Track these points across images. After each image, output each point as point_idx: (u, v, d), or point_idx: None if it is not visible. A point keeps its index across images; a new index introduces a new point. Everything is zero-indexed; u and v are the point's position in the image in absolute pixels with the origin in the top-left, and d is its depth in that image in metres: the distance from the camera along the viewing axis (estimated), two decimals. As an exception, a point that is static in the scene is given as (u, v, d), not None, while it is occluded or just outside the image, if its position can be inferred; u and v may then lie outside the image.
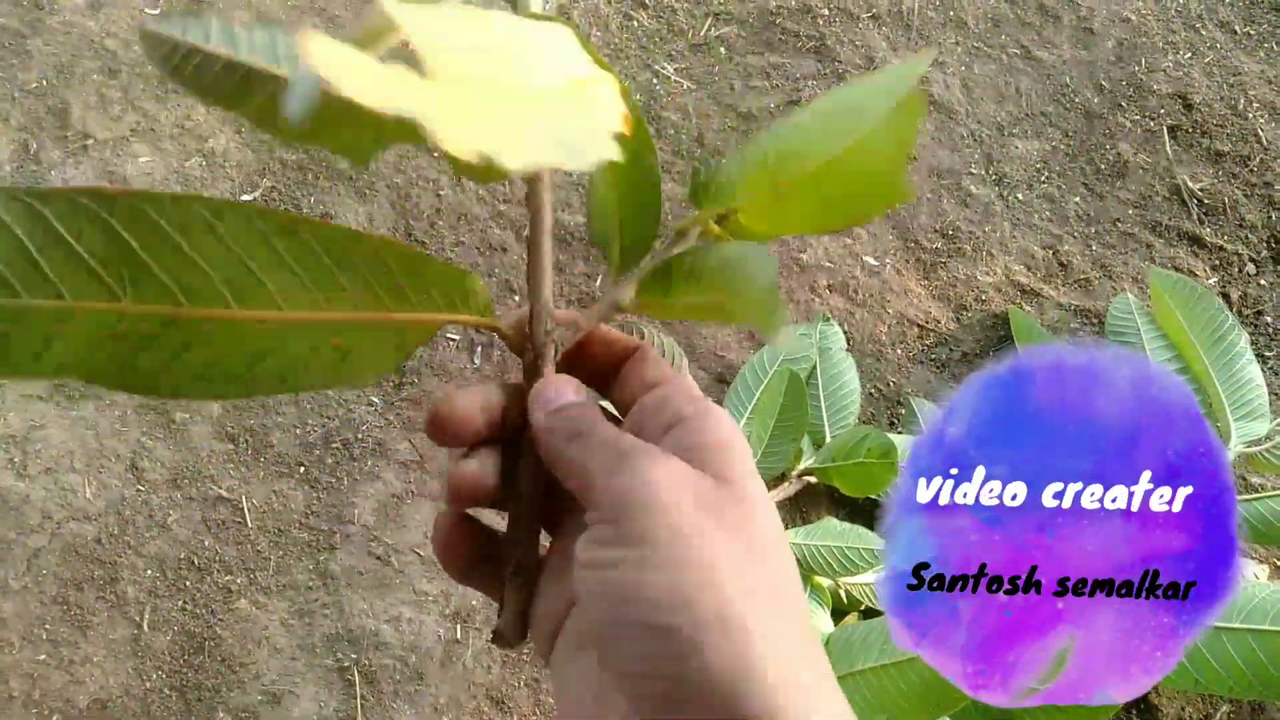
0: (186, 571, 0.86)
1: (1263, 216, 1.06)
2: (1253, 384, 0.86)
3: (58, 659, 0.83)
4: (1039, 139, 1.10)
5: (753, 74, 1.12)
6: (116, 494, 0.89)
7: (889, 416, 0.95)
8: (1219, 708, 0.83)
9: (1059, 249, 1.04)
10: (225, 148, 1.05)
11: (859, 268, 1.01)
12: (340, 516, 0.89)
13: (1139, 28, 1.16)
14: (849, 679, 0.67)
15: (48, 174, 1.02)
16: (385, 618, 0.85)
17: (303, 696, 0.82)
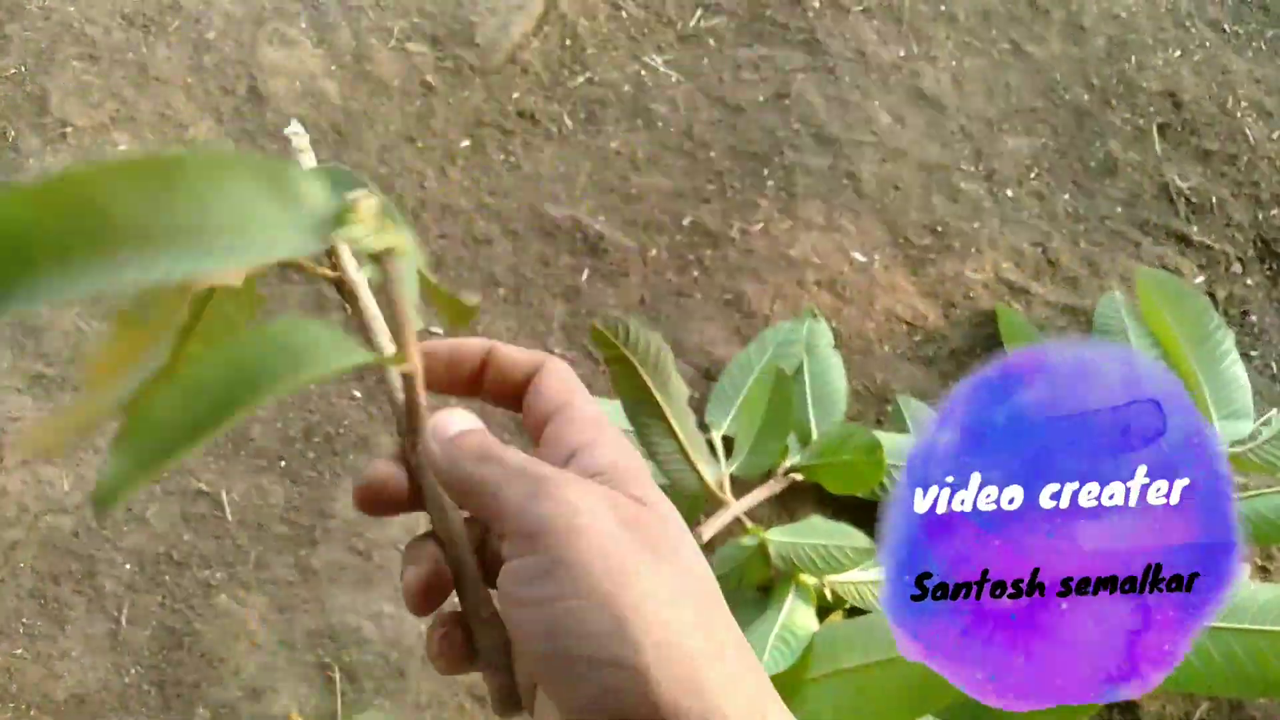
0: (165, 566, 0.86)
1: (1249, 215, 1.06)
2: (1238, 383, 0.86)
3: (34, 653, 0.82)
4: (1029, 135, 1.09)
5: (742, 66, 1.11)
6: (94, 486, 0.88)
7: (876, 414, 0.95)
8: (1199, 705, 0.83)
9: (1048, 246, 1.03)
10: (206, 135, 1.04)
11: (847, 264, 1.01)
12: (322, 511, 0.88)
13: (1129, 25, 1.15)
14: (833, 677, 0.67)
15: (26, 162, 1.00)
16: (367, 614, 0.84)
17: (283, 693, 0.81)
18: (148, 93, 1.05)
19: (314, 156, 0.31)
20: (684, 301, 0.99)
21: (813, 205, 1.04)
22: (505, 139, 1.07)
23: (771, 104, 1.09)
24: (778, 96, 1.10)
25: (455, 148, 1.06)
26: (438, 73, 1.09)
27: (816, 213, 1.03)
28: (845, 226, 1.03)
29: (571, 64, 1.11)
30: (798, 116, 1.08)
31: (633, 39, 1.13)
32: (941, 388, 0.95)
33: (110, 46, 1.08)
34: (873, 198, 1.05)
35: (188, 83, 1.07)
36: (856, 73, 1.11)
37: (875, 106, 1.10)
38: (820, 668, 0.68)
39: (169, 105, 1.05)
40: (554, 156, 1.06)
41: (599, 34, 1.13)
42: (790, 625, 0.72)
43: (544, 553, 0.24)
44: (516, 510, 0.25)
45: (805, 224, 1.03)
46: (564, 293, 0.98)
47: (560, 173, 1.05)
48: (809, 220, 1.03)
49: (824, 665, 0.67)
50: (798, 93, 1.10)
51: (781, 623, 0.72)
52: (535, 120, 1.08)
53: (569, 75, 1.10)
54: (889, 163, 1.07)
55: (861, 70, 1.12)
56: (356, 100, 1.07)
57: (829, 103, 1.09)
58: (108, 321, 0.27)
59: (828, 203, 1.04)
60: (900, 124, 1.09)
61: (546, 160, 1.05)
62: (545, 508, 0.24)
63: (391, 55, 1.10)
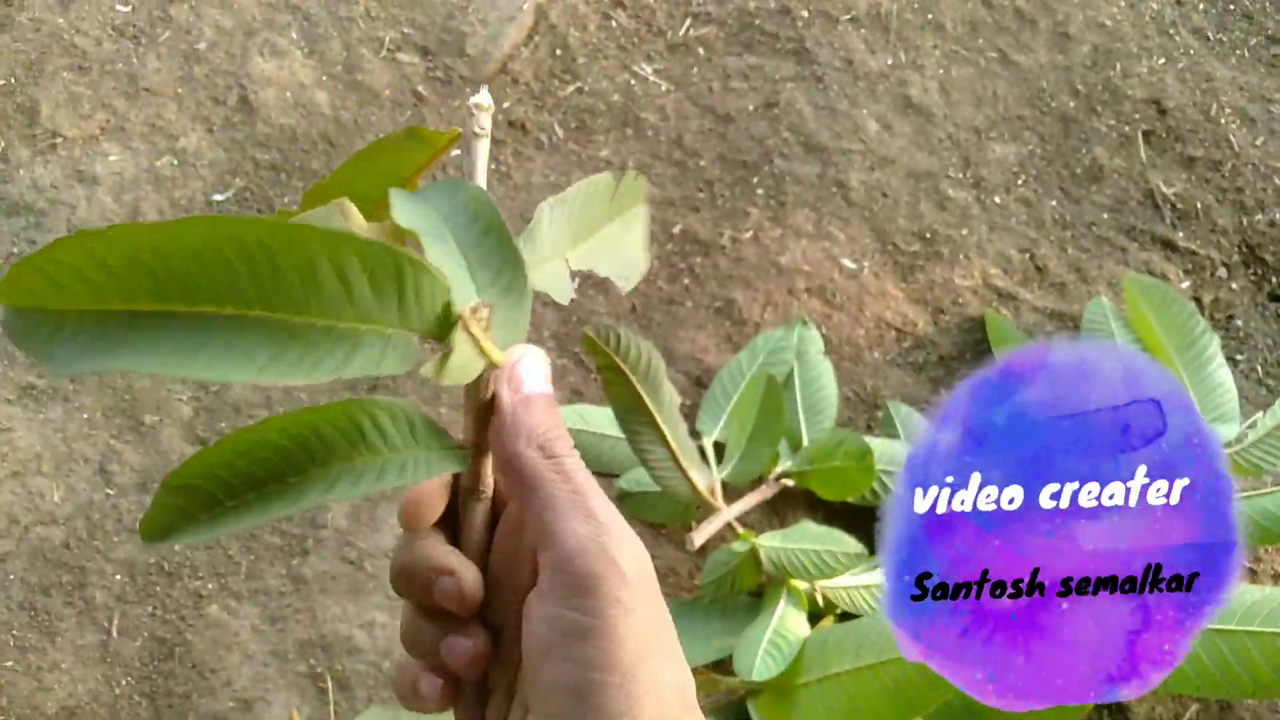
0: (156, 576, 0.85)
1: (1234, 221, 1.07)
2: (1224, 387, 0.87)
3: (25, 665, 0.81)
4: (1016, 143, 1.10)
5: (732, 75, 1.12)
6: (85, 498, 0.88)
7: (866, 420, 0.95)
8: (1188, 707, 0.84)
9: (1035, 252, 1.04)
10: (197, 146, 1.04)
11: (837, 271, 1.02)
12: (313, 520, 0.88)
13: (1114, 33, 1.16)
14: (825, 682, 0.67)
15: (15, 173, 1.00)
16: (358, 623, 0.84)
17: (274, 703, 0.81)
18: (138, 103, 1.05)
19: (487, 149, 0.30)
20: (675, 309, 0.99)
21: (802, 213, 1.04)
22: (496, 149, 1.07)
23: (761, 113, 1.10)
24: (767, 105, 1.10)
25: (446, 158, 1.06)
26: (428, 83, 1.10)
27: (806, 221, 1.04)
28: (834, 234, 1.03)
29: (562, 74, 1.12)
30: (787, 125, 1.09)
31: (623, 49, 1.14)
32: (931, 393, 0.95)
33: (100, 58, 1.08)
34: (862, 205, 1.05)
35: (178, 93, 1.07)
36: (845, 82, 1.12)
37: (864, 115, 1.10)
38: (812, 673, 0.68)
39: (160, 116, 1.05)
40: (545, 166, 1.06)
41: (589, 44, 1.13)
42: (782, 630, 0.72)
43: (587, 615, 0.26)
44: (567, 551, 0.26)
45: (795, 232, 1.03)
46: (555, 301, 0.99)
47: (551, 182, 1.05)
48: (798, 228, 1.04)
49: (815, 670, 0.68)
50: (787, 102, 1.10)
51: (773, 628, 0.72)
52: (526, 130, 1.08)
53: (559, 85, 1.11)
54: (877, 171, 1.07)
55: (850, 79, 1.12)
56: (347, 110, 1.07)
57: (818, 111, 1.10)
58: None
59: (817, 211, 1.05)
60: (889, 132, 1.10)
61: (537, 170, 1.06)
62: (599, 568, 0.26)
63: (382, 65, 1.10)
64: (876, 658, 0.64)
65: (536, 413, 0.28)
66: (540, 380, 0.29)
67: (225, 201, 1.02)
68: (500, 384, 0.29)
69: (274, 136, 1.05)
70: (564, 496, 0.27)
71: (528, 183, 1.05)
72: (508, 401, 0.28)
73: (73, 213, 0.99)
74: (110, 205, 1.00)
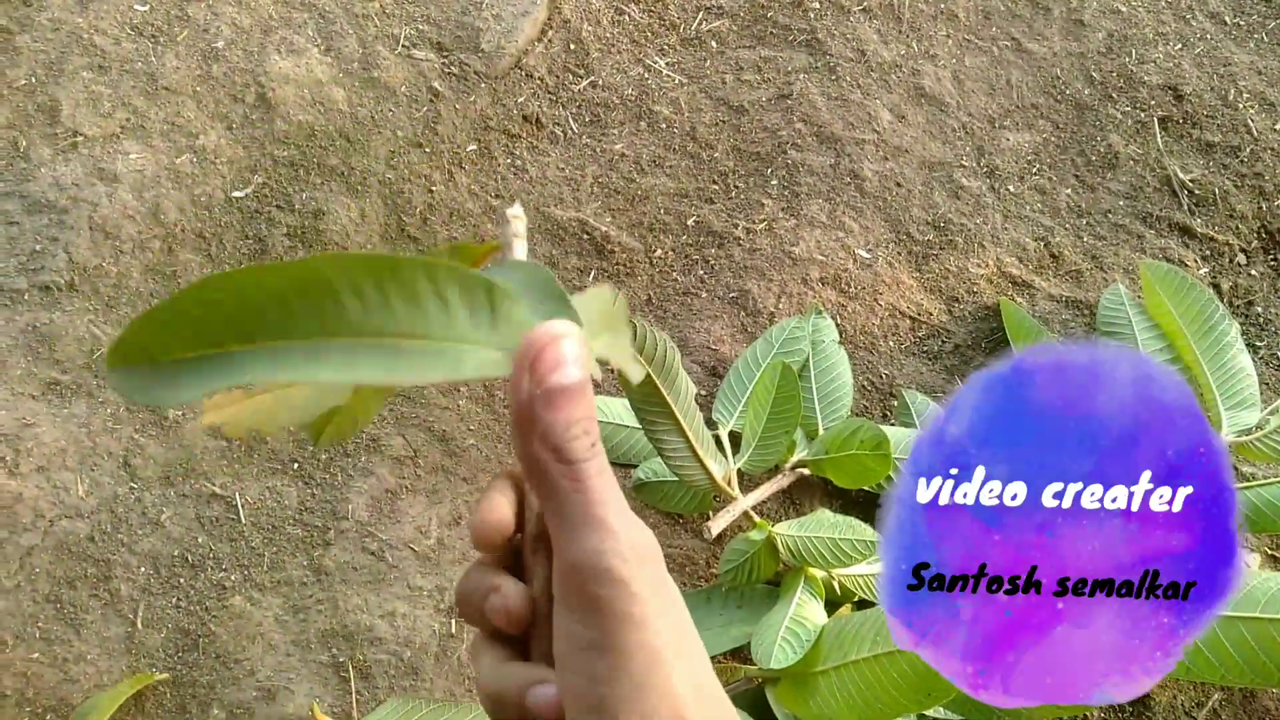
0: (180, 568, 0.86)
1: (1253, 207, 1.06)
2: (1243, 374, 0.86)
3: (51, 657, 0.83)
4: (1030, 131, 1.10)
5: (744, 68, 1.12)
6: (109, 491, 0.89)
7: (882, 409, 0.95)
8: (1211, 695, 0.83)
9: (1050, 240, 1.04)
10: (216, 144, 1.05)
11: (851, 260, 1.02)
12: (334, 512, 0.89)
13: (1129, 19, 1.16)
14: (842, 670, 0.67)
15: (37, 171, 1.02)
16: (380, 613, 0.85)
17: (297, 693, 0.82)
18: (157, 102, 1.07)
19: (525, 246, 0.31)
20: (690, 300, 0.99)
21: (816, 203, 1.04)
22: (511, 143, 1.07)
23: (774, 104, 1.10)
24: (780, 97, 1.10)
25: (462, 152, 1.07)
26: (444, 79, 1.10)
27: (820, 211, 1.04)
28: (848, 224, 1.03)
29: (576, 68, 1.12)
30: (800, 116, 1.09)
31: (636, 43, 1.14)
32: (946, 382, 0.95)
33: (120, 57, 1.09)
34: (875, 195, 1.05)
35: (197, 91, 1.08)
36: (857, 72, 1.12)
37: (877, 105, 1.10)
38: (829, 660, 0.68)
39: (179, 114, 1.06)
40: (560, 160, 1.07)
41: (602, 38, 1.14)
42: (799, 618, 0.72)
43: (594, 630, 0.26)
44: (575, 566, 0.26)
45: (809, 222, 1.03)
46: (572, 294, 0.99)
47: (566, 176, 1.06)
48: (812, 218, 1.04)
49: (833, 658, 0.68)
50: (799, 93, 1.10)
51: (791, 616, 0.72)
52: (540, 124, 1.09)
53: (573, 79, 1.11)
54: (891, 160, 1.07)
55: (862, 70, 1.12)
56: (364, 107, 1.08)
57: (831, 102, 1.10)
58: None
59: (831, 201, 1.05)
60: (902, 122, 1.09)
61: (552, 163, 1.06)
62: (604, 589, 0.26)
63: (398, 62, 1.11)
64: (894, 645, 0.64)
65: (556, 409, 0.26)
66: (569, 369, 0.26)
67: (245, 198, 1.03)
68: (520, 372, 0.26)
69: (292, 133, 1.06)
70: (575, 507, 0.26)
71: (543, 176, 1.05)
72: (525, 394, 0.26)
73: (94, 210, 1.00)
74: (131, 203, 1.01)
